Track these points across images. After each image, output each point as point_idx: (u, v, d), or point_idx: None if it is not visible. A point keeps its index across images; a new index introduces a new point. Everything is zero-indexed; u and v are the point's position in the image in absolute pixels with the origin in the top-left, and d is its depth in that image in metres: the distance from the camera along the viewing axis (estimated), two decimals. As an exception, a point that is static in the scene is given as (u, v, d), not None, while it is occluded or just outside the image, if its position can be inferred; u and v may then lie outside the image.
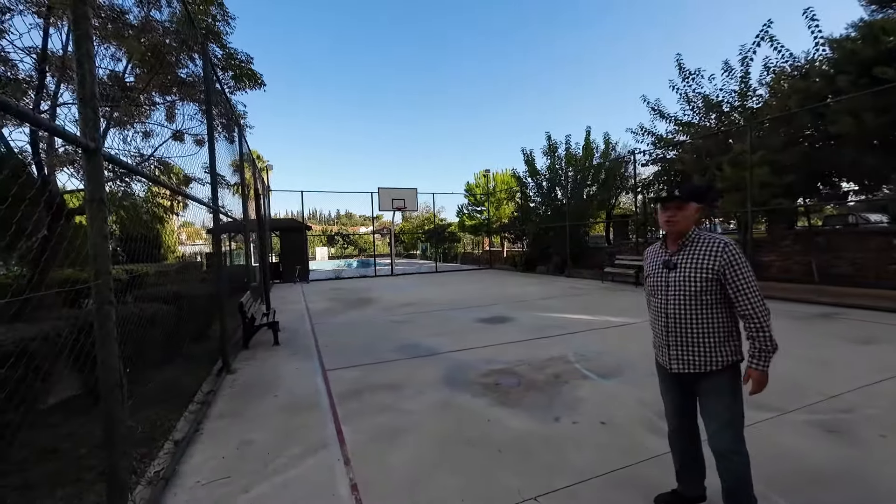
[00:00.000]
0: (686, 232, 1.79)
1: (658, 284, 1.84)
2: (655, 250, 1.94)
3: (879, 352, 4.42)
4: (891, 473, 2.24)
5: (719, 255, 1.69)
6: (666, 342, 1.82)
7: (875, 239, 9.37)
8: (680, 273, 1.76)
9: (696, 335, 1.74)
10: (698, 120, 11.86)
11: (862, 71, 7.43)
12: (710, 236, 1.76)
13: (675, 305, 1.77)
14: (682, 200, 1.76)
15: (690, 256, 1.75)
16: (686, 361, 1.77)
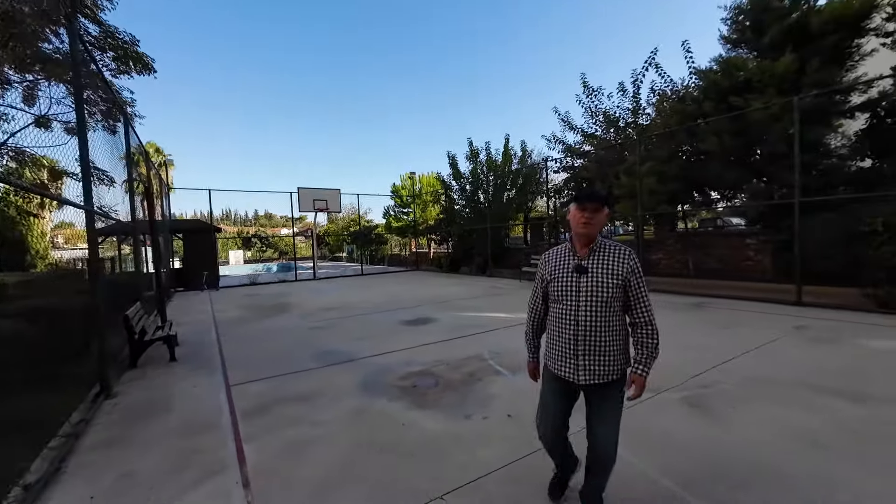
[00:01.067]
0: (596, 237, 1.76)
1: (567, 289, 1.75)
2: (561, 254, 1.84)
3: (735, 335, 5.29)
4: (736, 439, 2.70)
5: (626, 261, 1.71)
6: (573, 351, 1.74)
7: (735, 239, 11.23)
8: (592, 278, 1.70)
9: (606, 343, 1.71)
10: (601, 133, 13.16)
11: (721, 98, 8.87)
12: (613, 243, 1.77)
13: (587, 312, 1.70)
14: (601, 203, 1.72)
15: (601, 261, 1.72)
16: (595, 372, 1.72)
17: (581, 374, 1.74)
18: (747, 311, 6.68)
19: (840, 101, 8.23)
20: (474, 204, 17.13)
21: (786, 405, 3.11)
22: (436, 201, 21.97)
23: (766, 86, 8.15)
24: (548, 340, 1.90)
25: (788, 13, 8.43)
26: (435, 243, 23.35)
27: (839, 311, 6.27)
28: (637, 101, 11.98)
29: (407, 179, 25.70)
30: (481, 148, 16.98)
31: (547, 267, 1.87)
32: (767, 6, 8.63)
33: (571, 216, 1.75)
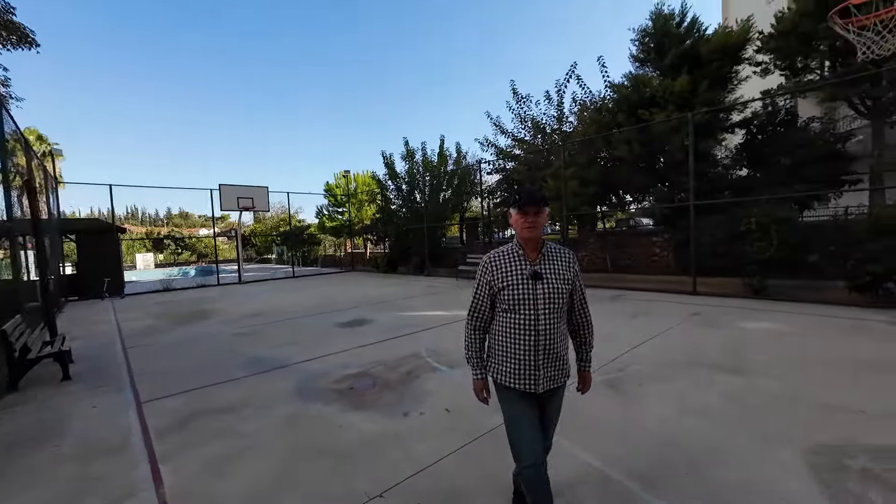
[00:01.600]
0: (541, 239, 1.70)
1: (525, 297, 1.62)
2: (510, 259, 1.69)
3: (645, 322, 5.94)
4: (647, 414, 3.05)
5: (571, 264, 1.70)
6: (533, 362, 1.65)
7: (644, 238, 12.56)
8: (547, 284, 1.63)
9: (561, 348, 1.70)
10: (530, 137, 13.92)
11: (631, 111, 9.87)
12: (555, 245, 1.74)
13: (547, 320, 1.62)
14: (542, 204, 1.64)
15: (552, 265, 1.66)
16: (554, 378, 1.69)
17: (541, 383, 1.66)
18: (655, 302, 7.51)
19: (724, 119, 9.60)
20: (411, 204, 17.15)
21: (684, 381, 3.58)
22: (372, 201, 21.62)
23: (668, 102, 9.24)
24: (498, 353, 1.74)
25: (683, 39, 9.63)
26: (371, 243, 22.96)
27: (725, 299, 7.31)
28: (561, 109, 12.87)
29: (341, 178, 24.96)
30: (417, 148, 17.07)
31: (496, 273, 1.68)
32: (667, 32, 9.78)
33: (514, 221, 1.67)
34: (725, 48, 9.09)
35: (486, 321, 1.79)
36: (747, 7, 16.73)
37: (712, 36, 9.39)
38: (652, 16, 10.15)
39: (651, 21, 10.16)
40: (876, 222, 6.07)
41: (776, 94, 8.90)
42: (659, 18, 9.97)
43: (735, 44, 9.14)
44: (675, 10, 9.95)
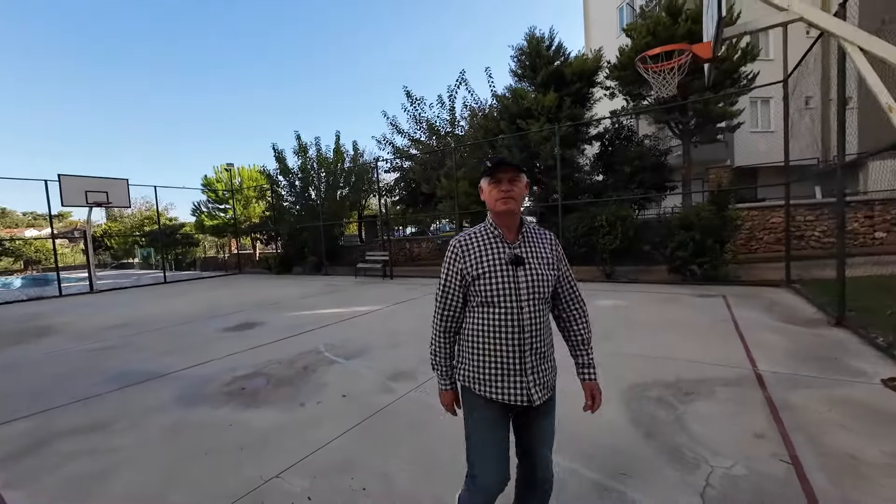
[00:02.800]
0: (519, 215, 1.42)
1: (507, 286, 1.34)
2: (485, 241, 1.40)
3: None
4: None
5: (554, 245, 1.46)
6: (520, 366, 1.35)
7: (527, 233, 14.13)
8: (531, 270, 1.36)
9: (549, 347, 1.42)
10: (425, 138, 14.51)
11: (512, 120, 11.07)
12: (532, 223, 1.49)
13: (531, 312, 1.35)
14: (517, 169, 1.37)
15: (535, 248, 1.40)
16: (546, 385, 1.40)
17: (535, 392, 1.36)
18: (532, 288, 8.65)
19: (584, 132, 11.37)
20: (306, 201, 16.44)
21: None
22: (261, 197, 20.07)
23: (540, 114, 10.59)
24: (475, 357, 1.42)
25: (552, 61, 11.14)
26: (261, 243, 21.31)
27: (587, 283, 8.77)
28: (453, 113, 13.72)
29: (223, 172, 22.58)
30: (311, 143, 16.42)
31: (468, 259, 1.39)
32: (539, 53, 11.19)
33: (486, 196, 1.40)
34: (583, 72, 10.79)
35: (458, 320, 1.48)
36: (602, 39, 19.85)
37: (573, 61, 11.03)
38: (527, 37, 11.48)
39: (526, 42, 11.48)
40: (681, 220, 7.95)
41: (620, 115, 10.88)
42: (532, 40, 11.34)
43: (590, 70, 10.90)
44: (546, 34, 11.42)
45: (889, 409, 2.67)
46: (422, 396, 3.30)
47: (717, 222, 7.58)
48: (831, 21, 3.32)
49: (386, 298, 8.32)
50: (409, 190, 15.72)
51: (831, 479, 1.99)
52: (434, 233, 23.23)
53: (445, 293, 1.47)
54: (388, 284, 10.74)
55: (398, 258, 16.91)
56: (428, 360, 3.87)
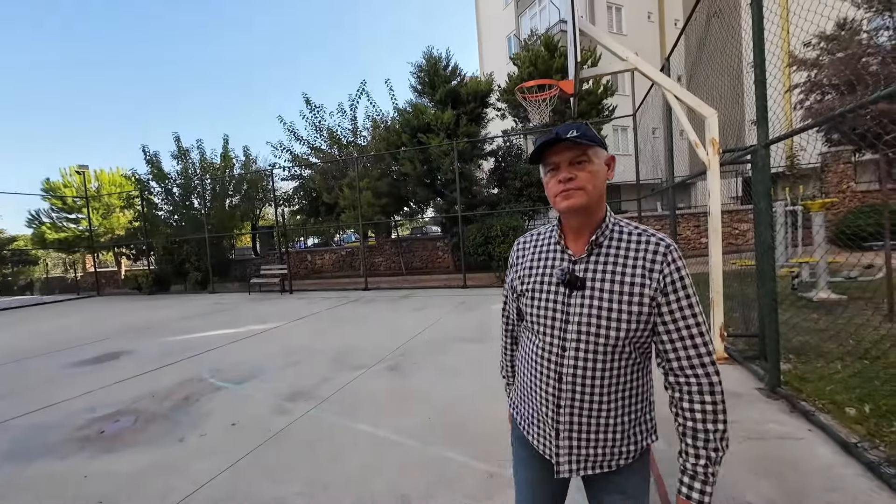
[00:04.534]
0: (597, 213, 0.97)
1: (550, 315, 0.99)
2: (543, 247, 1.06)
3: (426, 314, 7.05)
4: (413, 384, 3.78)
5: (657, 266, 0.91)
6: (552, 419, 0.99)
7: (430, 243, 14.56)
8: (590, 299, 0.94)
9: (607, 415, 0.96)
10: (326, 147, 14.06)
11: (413, 133, 11.41)
12: (636, 227, 0.97)
13: (578, 361, 0.95)
14: (585, 142, 0.90)
15: (611, 267, 0.94)
16: (587, 459, 0.98)
17: (563, 460, 0.99)
18: (436, 297, 8.94)
19: (480, 148, 12.22)
20: (186, 210, 14.60)
21: (444, 353, 4.57)
22: (128, 206, 17.24)
23: (440, 130, 11.11)
24: (518, 381, 1.14)
25: (449, 80, 11.80)
26: (129, 259, 18.25)
27: (485, 289, 9.38)
28: (355, 123, 13.58)
29: (73, 175, 18.89)
30: (193, 146, 14.71)
31: (520, 268, 1.09)
32: (437, 71, 11.77)
33: (546, 188, 1.00)
34: (477, 93, 11.64)
35: (515, 330, 1.25)
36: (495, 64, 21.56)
37: (469, 82, 11.85)
38: (425, 56, 11.99)
39: (425, 60, 11.98)
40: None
41: (510, 135, 11.98)
42: (430, 59, 11.88)
43: (484, 91, 11.82)
44: (443, 55, 12.06)
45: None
46: (321, 415, 3.23)
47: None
48: (656, 74, 4.19)
49: (284, 315, 7.83)
50: (310, 199, 15.03)
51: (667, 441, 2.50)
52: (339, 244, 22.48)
53: (505, 303, 1.23)
54: (287, 300, 10.10)
55: (299, 271, 15.97)
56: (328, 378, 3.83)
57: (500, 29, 23.76)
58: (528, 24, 20.46)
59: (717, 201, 3.80)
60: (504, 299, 1.23)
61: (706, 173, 3.86)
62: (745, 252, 8.30)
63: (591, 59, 10.85)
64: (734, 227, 12.37)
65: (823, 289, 5.62)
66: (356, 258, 15.12)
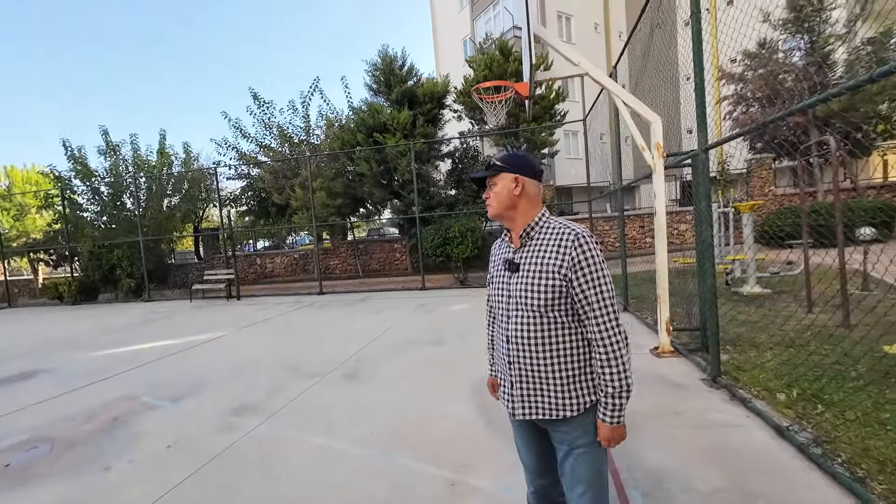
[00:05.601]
0: (519, 217, 1.27)
1: (500, 292, 1.32)
2: (501, 243, 1.40)
3: (384, 317, 6.88)
4: (372, 391, 3.64)
5: (568, 249, 1.18)
6: (509, 375, 1.30)
7: (388, 245, 14.33)
8: (522, 277, 1.24)
9: (545, 367, 1.23)
10: (276, 145, 13.41)
11: (369, 133, 11.17)
12: (560, 223, 1.24)
13: (517, 323, 1.25)
14: (489, 173, 1.28)
15: (535, 252, 1.23)
16: (533, 405, 1.26)
17: (517, 406, 1.30)
18: (394, 299, 8.78)
19: (437, 149, 12.20)
20: (117, 211, 13.32)
21: (402, 357, 4.47)
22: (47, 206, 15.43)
23: (397, 130, 10.96)
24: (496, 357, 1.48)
25: (405, 80, 11.68)
26: (47, 265, 16.35)
27: (443, 290, 9.35)
28: (308, 121, 13.05)
29: (-24, 171, 16.69)
30: (124, 142, 13.46)
31: (490, 262, 1.45)
32: (393, 71, 11.61)
33: None
34: (434, 94, 11.62)
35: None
36: (450, 66, 21.70)
37: (425, 83, 11.79)
38: (380, 54, 11.79)
39: (380, 59, 11.78)
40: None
41: (467, 136, 12.07)
42: (386, 58, 11.70)
43: (440, 93, 11.82)
44: (399, 54, 11.92)
45: (652, 371, 3.60)
46: (273, 429, 3.01)
47: (544, 232, 9.03)
48: (605, 79, 4.37)
49: (231, 322, 7.33)
50: (259, 200, 14.25)
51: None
52: (291, 246, 21.56)
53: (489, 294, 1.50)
54: (234, 306, 9.48)
55: (247, 276, 15.10)
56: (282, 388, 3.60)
57: (456, 32, 23.98)
58: (483, 27, 20.79)
59: (662, 202, 4.01)
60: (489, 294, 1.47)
61: (652, 176, 4.06)
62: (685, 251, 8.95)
63: (543, 65, 11.19)
64: (674, 227, 13.28)
65: (753, 284, 6.14)
66: (310, 261, 14.55)
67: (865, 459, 2.02)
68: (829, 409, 2.54)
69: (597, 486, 1.26)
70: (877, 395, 2.64)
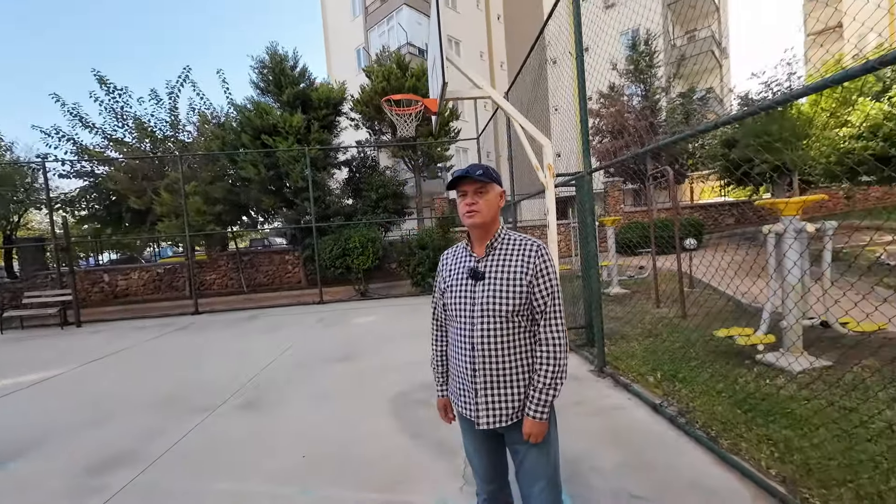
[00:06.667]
0: (492, 227, 1.37)
1: (462, 300, 1.35)
2: (459, 253, 1.44)
3: (281, 335, 6.29)
4: (280, 419, 3.30)
5: (532, 258, 1.30)
6: (472, 385, 1.33)
7: (279, 256, 13.16)
8: (489, 285, 1.31)
9: (509, 372, 1.31)
10: (133, 140, 11.29)
11: (256, 134, 10.20)
12: (520, 236, 1.38)
13: (484, 330, 1.30)
14: (486, 179, 1.32)
15: (501, 261, 1.32)
16: (499, 412, 1.32)
17: (482, 415, 1.33)
18: (289, 315, 8.09)
19: (333, 157, 11.75)
20: None
21: (308, 378, 4.16)
22: None
23: (289, 133, 10.23)
24: (450, 369, 1.48)
25: (298, 82, 11.02)
26: None
27: (344, 303, 8.96)
28: (175, 115, 11.31)
29: None
30: None
31: (443, 272, 1.47)
32: (283, 70, 10.86)
33: (458, 207, 1.39)
34: (329, 100, 11.19)
35: (445, 328, 1.53)
36: (345, 73, 21.21)
37: (320, 87, 11.29)
38: (269, 51, 10.92)
39: (269, 56, 10.90)
40: (419, 240, 9.40)
41: (365, 146, 11.90)
42: (276, 56, 10.88)
43: (336, 99, 11.44)
44: (290, 54, 11.20)
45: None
46: (156, 480, 2.51)
47: (443, 242, 9.37)
48: (506, 104, 4.81)
49: (71, 356, 5.86)
50: (108, 204, 11.72)
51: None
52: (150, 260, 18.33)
53: (434, 304, 1.54)
54: (74, 335, 7.60)
55: (90, 296, 12.24)
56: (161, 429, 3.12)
57: (349, 40, 23.57)
58: (377, 40, 20.85)
59: (553, 216, 4.55)
60: (433, 303, 1.54)
61: (544, 192, 4.59)
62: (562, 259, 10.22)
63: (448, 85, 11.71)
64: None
65: (616, 286, 7.33)
66: (179, 276, 12.48)
67: (714, 422, 2.59)
68: (684, 385, 3.18)
69: (554, 480, 1.36)
70: (712, 370, 3.40)
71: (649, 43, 15.09)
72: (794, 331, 3.36)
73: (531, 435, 1.30)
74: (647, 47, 15.08)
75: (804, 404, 2.64)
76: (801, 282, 3.34)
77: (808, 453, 2.16)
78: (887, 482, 1.89)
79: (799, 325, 3.38)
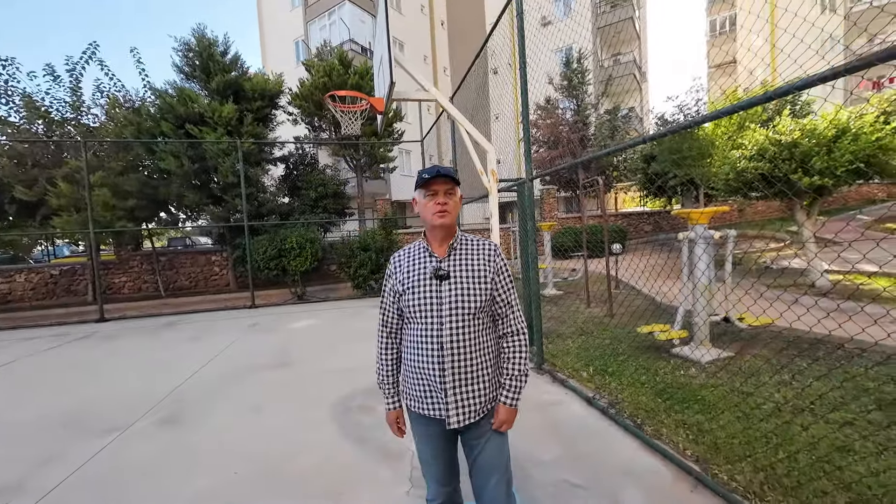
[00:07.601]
0: (454, 229, 1.42)
1: (427, 301, 1.35)
2: (415, 256, 1.43)
3: (206, 343, 5.75)
4: (203, 435, 3.01)
5: (492, 258, 1.40)
6: (440, 384, 1.34)
7: (204, 256, 12.07)
8: (455, 285, 1.34)
9: (477, 368, 1.36)
10: (20, 121, 9.69)
11: (179, 124, 9.29)
12: (473, 236, 1.46)
13: (452, 329, 1.32)
14: (454, 182, 1.38)
15: (464, 261, 1.38)
16: (470, 408, 1.36)
17: (452, 413, 1.34)
18: (216, 321, 7.44)
19: (268, 152, 11.06)
20: None
21: (240, 388, 3.86)
22: None
23: (218, 124, 9.45)
24: (407, 374, 1.44)
25: (229, 70, 10.22)
26: None
27: (279, 307, 8.44)
28: (78, 95, 9.90)
29: None
30: None
31: (399, 274, 1.43)
32: (212, 56, 10.01)
33: (421, 207, 1.40)
34: (265, 92, 10.53)
35: (398, 335, 1.50)
36: (282, 65, 20.14)
37: (254, 77, 10.58)
38: (195, 34, 10.01)
39: (195, 39, 10.00)
40: (360, 242, 9.17)
41: (304, 142, 11.36)
42: (203, 40, 10.00)
43: (272, 91, 10.79)
44: (220, 39, 10.36)
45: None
46: (48, 515, 2.16)
47: (386, 244, 9.24)
48: (452, 109, 4.87)
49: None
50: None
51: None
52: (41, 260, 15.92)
53: (384, 310, 1.50)
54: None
55: (-44, 304, 10.23)
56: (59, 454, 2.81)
57: (287, 31, 22.40)
58: (318, 34, 20.06)
59: (496, 219, 4.69)
60: (382, 309, 1.51)
61: (488, 196, 4.72)
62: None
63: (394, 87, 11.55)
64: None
65: (551, 287, 7.75)
66: (80, 279, 10.91)
67: (640, 411, 2.84)
68: (614, 378, 3.44)
69: (507, 471, 1.42)
70: (637, 363, 3.72)
71: (581, 61, 16.25)
72: (703, 327, 3.80)
73: (504, 422, 1.38)
74: (580, 65, 16.22)
75: (712, 391, 2.99)
76: (710, 282, 3.79)
77: (716, 434, 2.44)
78: (776, 455, 2.20)
79: (707, 322, 3.82)
